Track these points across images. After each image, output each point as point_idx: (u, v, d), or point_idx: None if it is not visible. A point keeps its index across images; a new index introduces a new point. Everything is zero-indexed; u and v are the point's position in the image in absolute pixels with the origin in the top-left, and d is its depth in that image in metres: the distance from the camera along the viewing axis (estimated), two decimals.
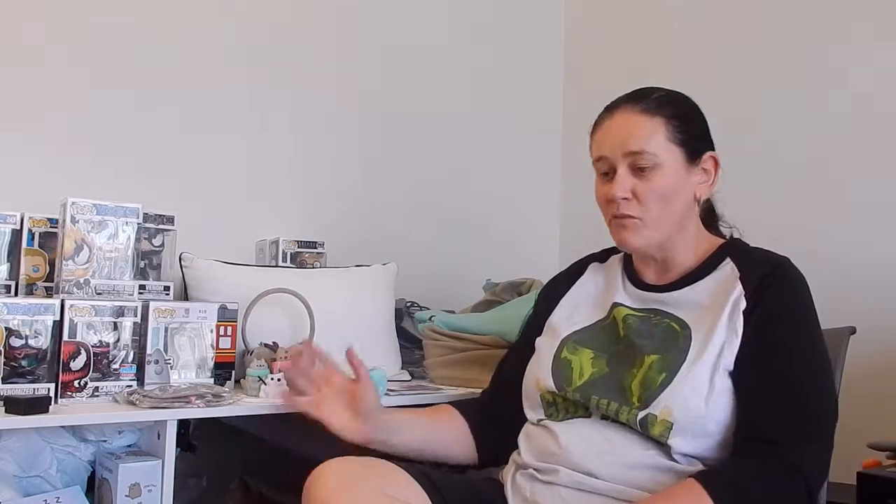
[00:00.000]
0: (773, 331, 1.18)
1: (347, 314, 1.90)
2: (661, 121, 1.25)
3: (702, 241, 1.33)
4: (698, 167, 1.29)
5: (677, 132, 1.25)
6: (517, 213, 2.70)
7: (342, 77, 2.36)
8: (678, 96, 1.31)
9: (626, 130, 1.26)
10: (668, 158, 1.25)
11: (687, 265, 1.31)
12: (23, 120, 1.89)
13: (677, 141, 1.25)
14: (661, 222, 1.26)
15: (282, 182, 2.25)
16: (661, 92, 1.30)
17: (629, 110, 1.27)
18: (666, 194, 1.25)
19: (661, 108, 1.26)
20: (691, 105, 1.32)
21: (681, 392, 1.17)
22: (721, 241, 1.35)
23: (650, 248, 1.30)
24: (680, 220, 1.28)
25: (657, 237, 1.27)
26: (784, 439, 1.11)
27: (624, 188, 1.25)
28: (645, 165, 1.24)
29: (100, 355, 1.48)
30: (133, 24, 2.04)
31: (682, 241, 1.30)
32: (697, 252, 1.32)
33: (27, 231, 1.62)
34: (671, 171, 1.25)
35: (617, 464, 1.18)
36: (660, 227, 1.26)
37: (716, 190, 1.33)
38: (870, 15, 2.05)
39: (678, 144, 1.26)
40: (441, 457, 1.38)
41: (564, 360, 1.32)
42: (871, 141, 2.03)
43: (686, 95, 1.32)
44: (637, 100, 1.28)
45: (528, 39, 2.79)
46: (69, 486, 1.46)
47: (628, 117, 1.27)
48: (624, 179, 1.25)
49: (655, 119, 1.25)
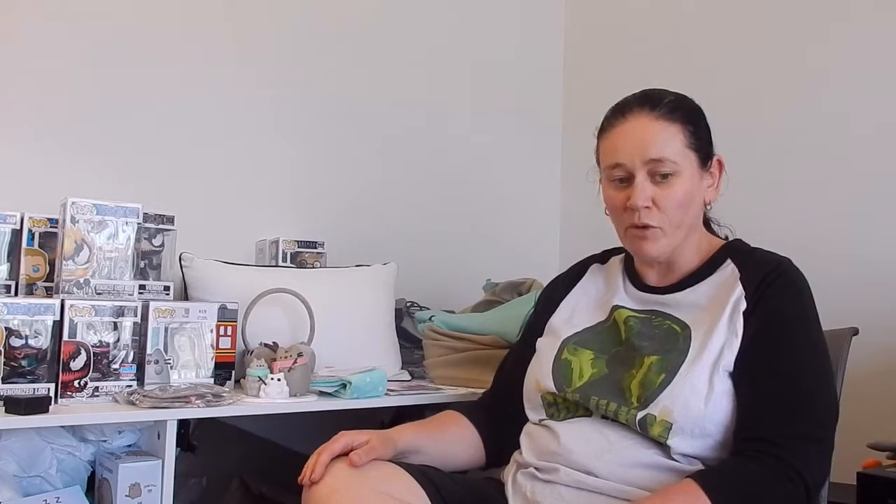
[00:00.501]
0: (774, 332, 1.18)
1: (347, 314, 1.90)
2: (679, 127, 1.24)
3: (703, 243, 1.33)
4: (707, 172, 1.29)
5: (693, 138, 1.25)
6: (517, 213, 2.70)
7: (342, 77, 2.36)
8: (687, 101, 1.30)
9: (645, 137, 1.24)
10: (686, 165, 1.24)
11: (690, 267, 1.31)
12: (23, 120, 1.89)
13: (694, 147, 1.25)
14: (680, 230, 1.26)
15: (282, 182, 2.25)
16: (671, 96, 1.28)
17: (645, 116, 1.25)
18: (685, 201, 1.24)
19: (675, 113, 1.25)
20: (699, 110, 1.30)
21: (680, 392, 1.17)
22: (722, 242, 1.35)
23: (664, 256, 1.29)
24: (692, 226, 1.29)
25: (674, 244, 1.27)
26: (784, 441, 1.11)
27: (646, 196, 1.23)
28: (666, 172, 1.23)
29: (100, 355, 1.48)
30: (133, 25, 2.03)
31: (688, 245, 1.30)
32: (700, 254, 1.32)
33: (27, 231, 1.62)
34: (688, 178, 1.24)
35: (616, 463, 1.18)
36: (677, 234, 1.26)
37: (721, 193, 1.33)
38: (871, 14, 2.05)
39: (694, 150, 1.25)
40: (451, 467, 1.37)
41: (564, 361, 1.32)
42: (873, 141, 2.02)
43: (691, 98, 1.31)
44: (651, 104, 1.26)
45: (529, 39, 2.79)
46: (69, 486, 1.46)
47: (645, 123, 1.24)
48: (644, 187, 1.23)
49: (674, 125, 1.24)
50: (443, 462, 1.35)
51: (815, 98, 2.14)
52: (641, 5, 2.62)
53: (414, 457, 1.32)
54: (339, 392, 1.63)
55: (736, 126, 2.22)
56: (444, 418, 1.44)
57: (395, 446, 1.28)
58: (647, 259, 1.31)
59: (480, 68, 2.64)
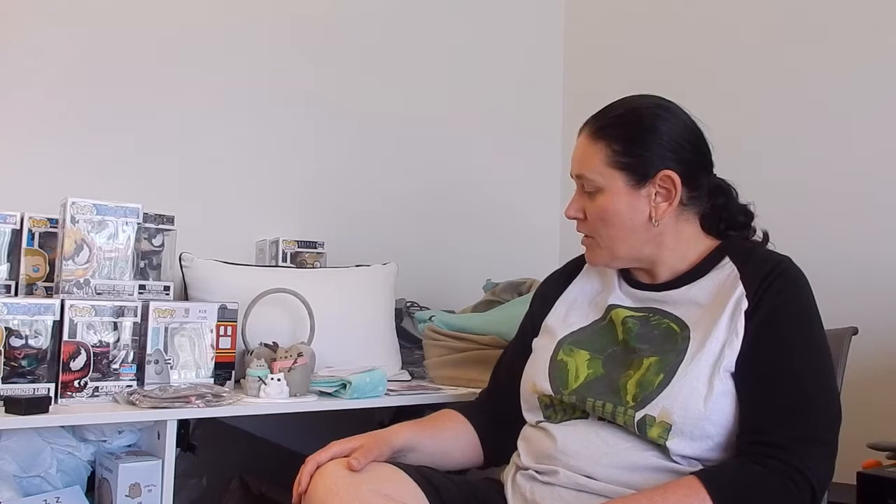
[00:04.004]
0: (777, 331, 1.17)
1: (347, 314, 1.90)
2: (602, 146, 1.27)
3: (695, 247, 1.31)
4: (649, 188, 1.26)
5: (618, 156, 1.26)
6: (517, 213, 2.70)
7: (341, 77, 2.36)
8: (633, 116, 1.29)
9: (578, 153, 1.32)
10: (609, 183, 1.27)
11: (678, 269, 1.30)
12: (23, 120, 1.89)
13: (618, 165, 1.27)
14: (614, 242, 1.29)
15: (282, 182, 2.25)
16: (620, 111, 1.30)
17: (585, 132, 1.32)
18: (609, 217, 1.28)
19: (605, 131, 1.28)
20: (646, 125, 1.28)
21: (679, 393, 1.16)
22: (717, 241, 1.33)
23: (614, 264, 1.34)
24: (641, 240, 1.28)
25: (612, 256, 1.31)
26: (790, 443, 1.10)
27: (574, 208, 1.32)
28: (589, 189, 1.30)
29: (100, 355, 1.48)
30: (134, 25, 2.04)
31: (665, 253, 1.30)
32: (689, 257, 1.31)
33: (27, 231, 1.62)
34: (612, 195, 1.27)
35: (614, 466, 1.18)
36: (613, 247, 1.30)
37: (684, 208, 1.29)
38: (871, 15, 2.05)
39: (619, 169, 1.27)
40: (448, 465, 1.37)
41: (560, 362, 1.31)
42: (874, 142, 2.02)
43: (650, 111, 1.29)
44: (594, 121, 1.31)
45: (529, 39, 2.79)
46: (69, 486, 1.46)
47: (583, 139, 1.31)
48: (576, 200, 1.33)
49: (597, 144, 1.28)
50: (440, 460, 1.35)
51: (814, 98, 2.14)
52: (641, 10, 2.62)
53: (411, 455, 1.32)
54: (339, 392, 1.63)
55: (736, 127, 2.23)
56: (440, 416, 1.44)
57: (391, 446, 1.28)
58: (594, 266, 1.39)
59: (481, 69, 2.64)
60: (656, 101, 1.31)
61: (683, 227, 1.30)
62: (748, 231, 1.36)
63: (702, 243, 1.32)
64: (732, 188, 1.37)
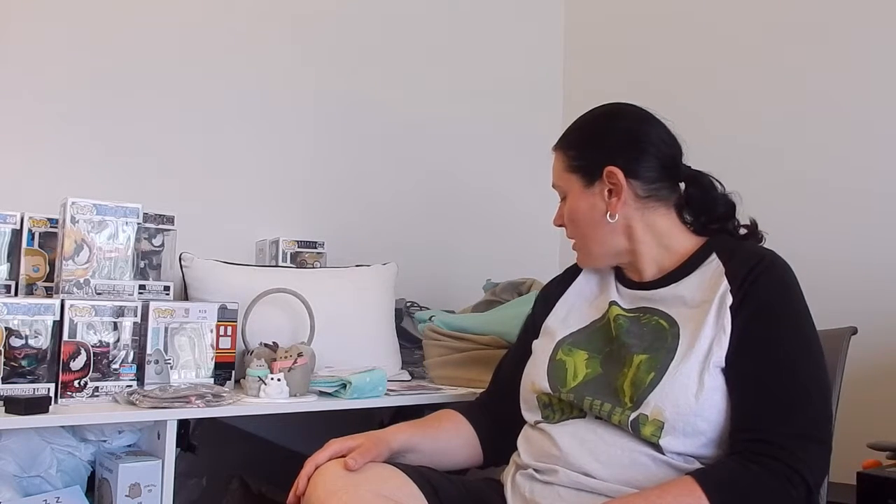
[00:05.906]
0: (764, 326, 1.17)
1: (347, 314, 1.90)
2: (561, 154, 1.39)
3: (678, 242, 1.32)
4: (600, 185, 1.32)
5: (572, 161, 1.36)
6: (517, 214, 2.70)
7: (342, 78, 2.36)
8: (584, 122, 1.40)
9: (552, 165, 1.41)
10: (569, 186, 1.37)
11: (665, 266, 1.31)
12: (23, 120, 1.89)
13: (572, 169, 1.36)
14: (587, 242, 1.37)
15: (282, 182, 2.25)
16: (579, 121, 1.41)
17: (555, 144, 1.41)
18: (576, 218, 1.36)
19: (563, 140, 1.40)
20: (594, 128, 1.38)
21: (670, 390, 1.16)
22: (705, 238, 1.33)
23: (597, 263, 1.40)
24: (606, 234, 1.32)
25: (589, 255, 1.38)
26: (784, 441, 1.10)
27: (557, 216, 1.42)
28: (561, 196, 1.40)
29: (100, 355, 1.48)
30: (133, 25, 2.04)
31: (642, 248, 1.31)
32: (673, 255, 1.31)
33: (27, 231, 1.62)
34: (574, 197, 1.36)
35: (613, 464, 1.18)
36: (587, 246, 1.37)
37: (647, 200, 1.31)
38: (871, 15, 2.05)
39: (573, 172, 1.36)
40: (447, 466, 1.37)
41: (559, 361, 1.32)
42: (874, 142, 2.02)
43: (600, 115, 1.39)
44: (562, 134, 1.41)
45: (529, 40, 2.79)
46: (69, 486, 1.46)
47: (554, 151, 1.41)
48: (559, 208, 1.41)
49: (558, 153, 1.39)
50: (439, 460, 1.36)
51: (814, 98, 2.14)
52: (641, 11, 2.62)
53: (410, 456, 1.32)
54: (339, 392, 1.63)
55: (736, 125, 2.23)
56: (439, 416, 1.45)
57: (390, 446, 1.28)
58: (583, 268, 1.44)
59: (481, 69, 2.64)
60: (611, 107, 1.39)
61: (654, 219, 1.32)
62: (731, 222, 1.37)
63: (686, 238, 1.33)
64: (712, 179, 1.37)
